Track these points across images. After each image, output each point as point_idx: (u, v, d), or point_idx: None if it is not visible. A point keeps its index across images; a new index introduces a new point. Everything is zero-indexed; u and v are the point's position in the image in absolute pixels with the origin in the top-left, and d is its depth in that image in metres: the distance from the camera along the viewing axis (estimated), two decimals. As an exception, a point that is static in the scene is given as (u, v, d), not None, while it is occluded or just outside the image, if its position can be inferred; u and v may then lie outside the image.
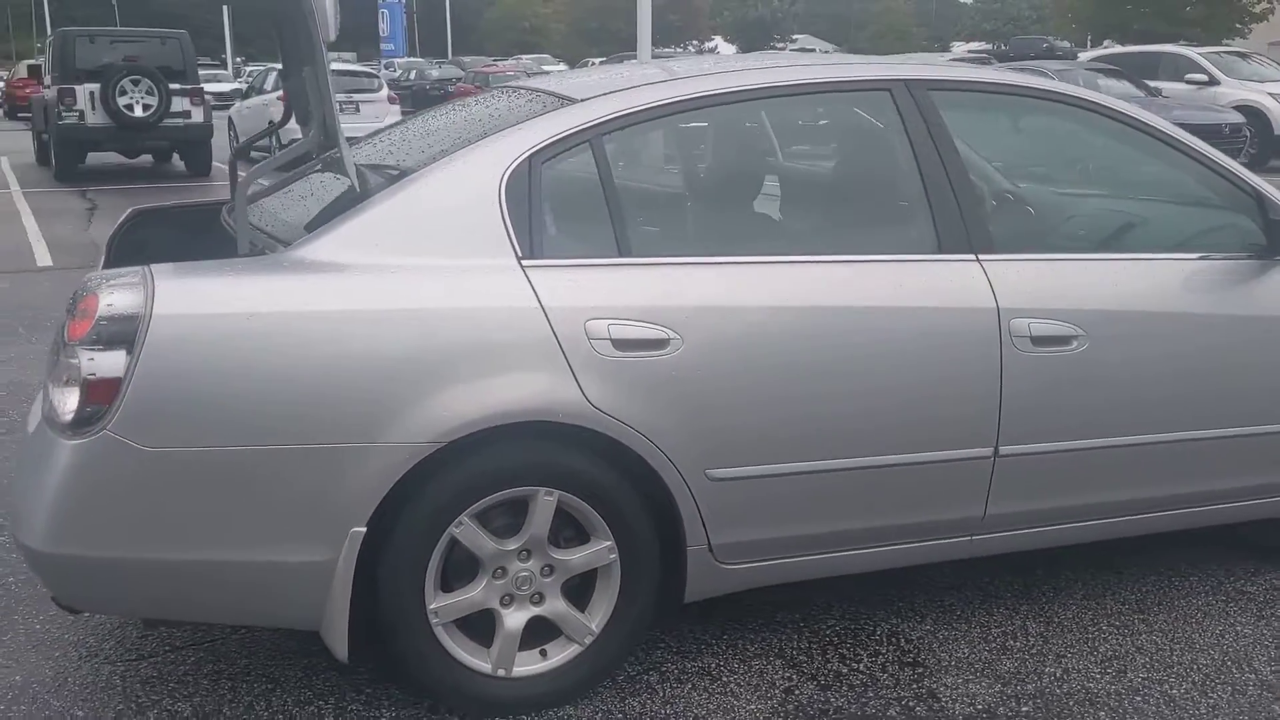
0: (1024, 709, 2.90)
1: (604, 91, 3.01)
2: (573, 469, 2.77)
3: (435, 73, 37.14)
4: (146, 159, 16.96)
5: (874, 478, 3.01)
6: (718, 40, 68.57)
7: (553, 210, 2.84)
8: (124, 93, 14.90)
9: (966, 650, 3.18)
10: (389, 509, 2.64)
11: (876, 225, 3.21)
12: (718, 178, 3.40)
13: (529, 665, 2.86)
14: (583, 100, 2.97)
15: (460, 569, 2.79)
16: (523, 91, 3.32)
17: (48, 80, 16.16)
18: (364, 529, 2.61)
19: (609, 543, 2.84)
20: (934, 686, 3.00)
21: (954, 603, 3.46)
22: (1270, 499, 3.46)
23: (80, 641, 3.20)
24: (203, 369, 2.52)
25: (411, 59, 49.96)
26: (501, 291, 2.70)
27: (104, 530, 2.53)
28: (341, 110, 4.31)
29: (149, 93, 15.00)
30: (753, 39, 66.87)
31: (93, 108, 14.90)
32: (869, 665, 3.10)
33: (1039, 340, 3.06)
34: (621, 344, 2.74)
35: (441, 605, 2.75)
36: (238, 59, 59.31)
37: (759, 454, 2.89)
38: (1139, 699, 2.95)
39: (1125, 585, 3.58)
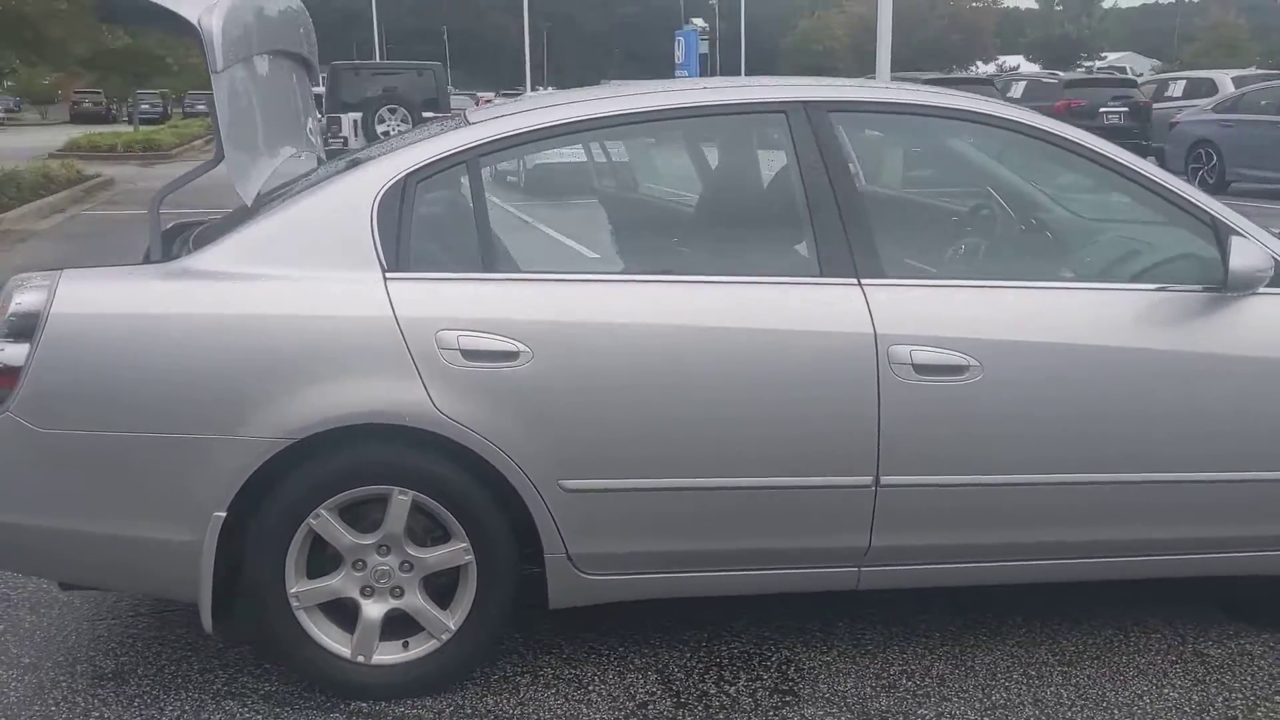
0: (865, 747, 2.82)
1: (498, 115, 3.16)
2: (426, 471, 2.93)
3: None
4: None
5: (744, 499, 3.00)
6: (1019, 60, 66.07)
7: (423, 226, 3.01)
8: (382, 121, 16.20)
9: (850, 685, 3.10)
10: (251, 497, 2.89)
11: (756, 247, 3.19)
12: (594, 197, 3.47)
13: (390, 655, 3.04)
14: (473, 123, 3.13)
15: (333, 558, 3.00)
16: (458, 113, 3.51)
17: (324, 109, 17.72)
18: (224, 514, 2.87)
19: (464, 544, 2.98)
20: (790, 717, 2.95)
21: (872, 638, 3.36)
22: (1204, 555, 3.17)
23: (68, 602, 3.63)
24: (91, 362, 2.86)
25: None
26: (360, 302, 2.90)
27: (6, 498, 2.90)
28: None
29: (404, 120, 16.23)
30: (1059, 58, 63.95)
31: (355, 134, 16.25)
32: (740, 690, 3.08)
33: (923, 369, 2.95)
34: (471, 355, 2.87)
35: (302, 590, 2.97)
36: (549, 88, 62.65)
37: (616, 468, 2.95)
38: (997, 751, 2.80)
39: (1071, 634, 3.36)
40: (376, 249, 2.95)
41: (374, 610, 3.01)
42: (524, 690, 3.09)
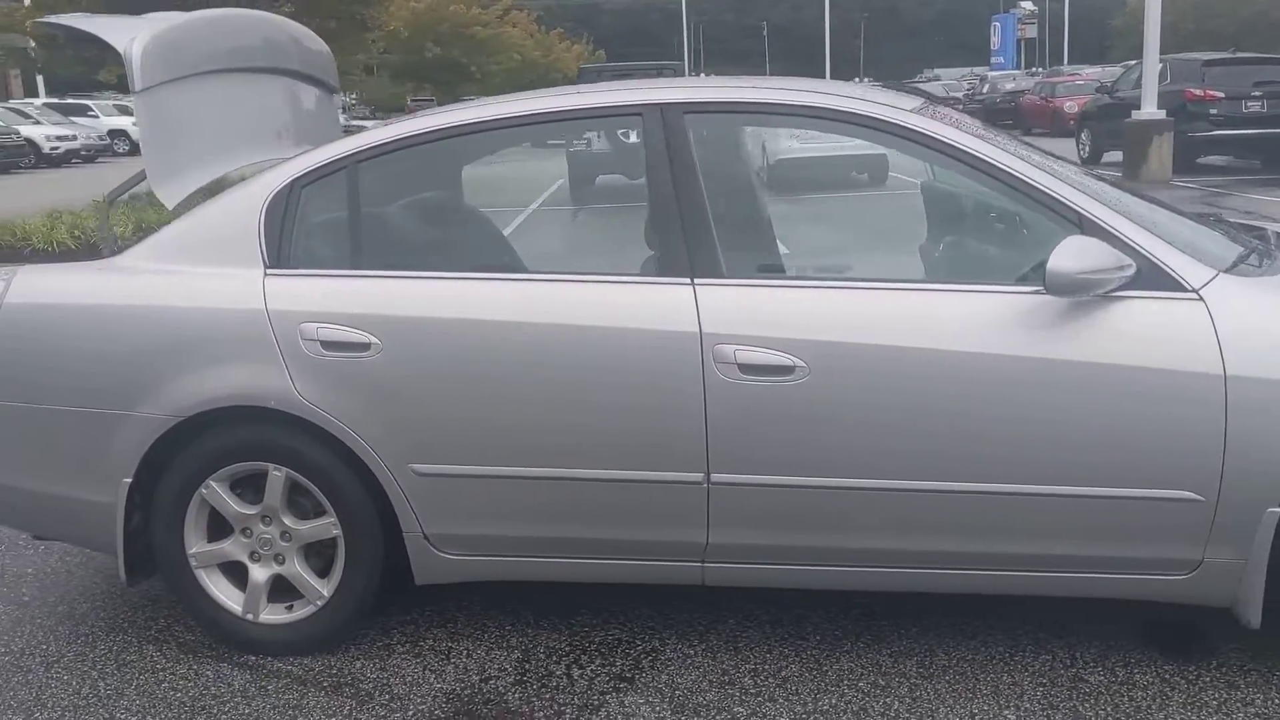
0: (656, 737, 2.87)
1: (385, 124, 3.40)
2: (295, 451, 3.22)
3: (1009, 85, 36.30)
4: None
5: (585, 490, 3.11)
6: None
7: (303, 227, 3.29)
8: (618, 121, 16.75)
9: (690, 679, 3.14)
10: (153, 467, 3.28)
11: (607, 246, 3.26)
12: (455, 200, 3.61)
13: (276, 615, 3.36)
14: (360, 132, 3.39)
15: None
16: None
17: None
18: (130, 480, 3.28)
19: (333, 519, 3.26)
20: (608, 702, 3.04)
21: (750, 636, 3.36)
22: (1045, 573, 2.99)
23: (93, 554, 4.19)
24: (31, 345, 3.34)
25: (1009, 72, 48.91)
26: (240, 295, 3.22)
27: None
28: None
29: (638, 120, 16.72)
30: None
31: (598, 134, 16.84)
32: (584, 674, 3.19)
33: (749, 368, 2.96)
34: (329, 345, 3.14)
35: (199, 551, 3.34)
36: (864, 80, 62.57)
37: (461, 455, 3.14)
38: (780, 753, 2.78)
39: (956, 648, 3.23)
40: (261, 248, 3.26)
41: (260, 574, 3.34)
42: (393, 657, 3.33)
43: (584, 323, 3.06)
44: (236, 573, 3.39)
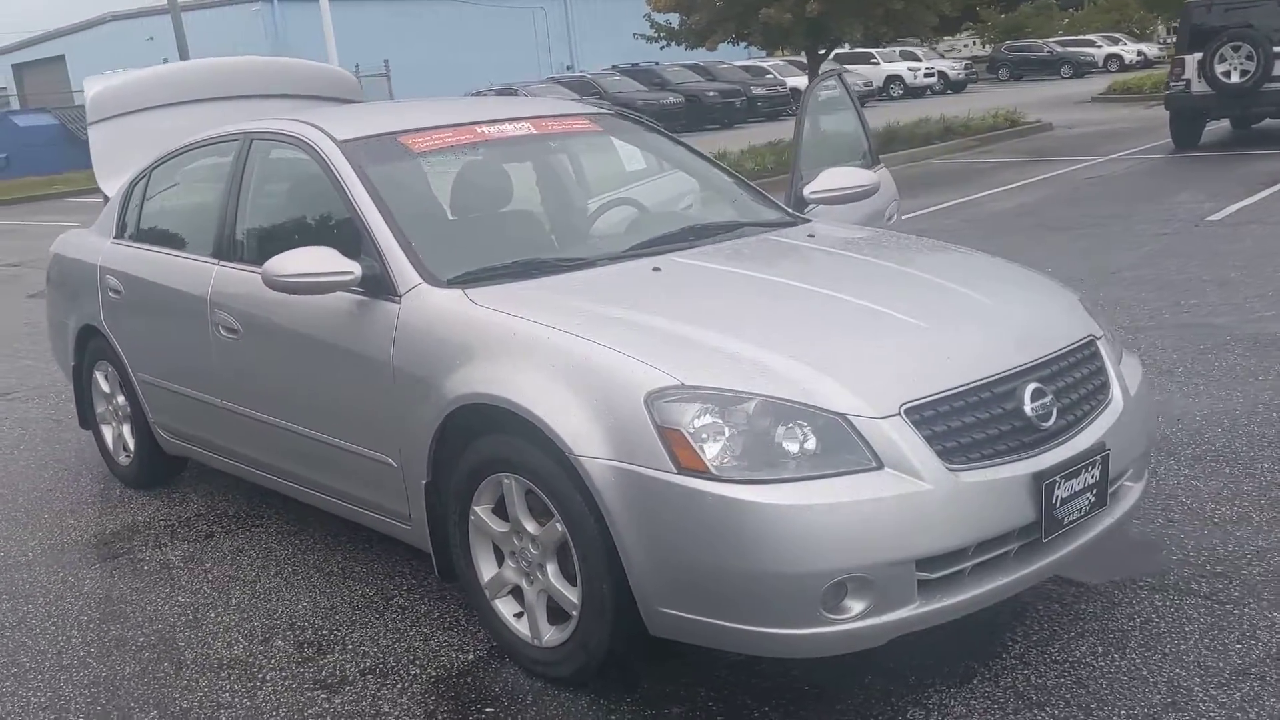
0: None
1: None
2: (111, 355, 5.06)
3: None
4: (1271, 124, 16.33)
5: (189, 404, 4.53)
6: None
7: (131, 210, 5.05)
8: (1223, 60, 15.02)
9: (235, 545, 4.42)
10: (80, 355, 5.34)
11: (210, 236, 4.48)
12: (181, 200, 4.93)
13: (124, 461, 5.25)
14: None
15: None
16: None
17: (1175, 52, 16.59)
18: (74, 362, 5.37)
19: (126, 401, 5.06)
20: (174, 544, 4.45)
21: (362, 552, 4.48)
22: (341, 502, 3.88)
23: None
24: (52, 275, 5.58)
25: None
26: (96, 255, 5.12)
27: None
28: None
29: (1248, 58, 14.84)
30: None
31: (1197, 77, 15.34)
32: (211, 529, 4.62)
33: (225, 328, 4.15)
34: (111, 290, 4.94)
35: (101, 411, 5.34)
36: None
37: (152, 370, 4.76)
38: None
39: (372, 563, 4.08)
40: (114, 224, 5.12)
41: (109, 433, 5.28)
42: (157, 501, 5.02)
43: (181, 288, 4.46)
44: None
